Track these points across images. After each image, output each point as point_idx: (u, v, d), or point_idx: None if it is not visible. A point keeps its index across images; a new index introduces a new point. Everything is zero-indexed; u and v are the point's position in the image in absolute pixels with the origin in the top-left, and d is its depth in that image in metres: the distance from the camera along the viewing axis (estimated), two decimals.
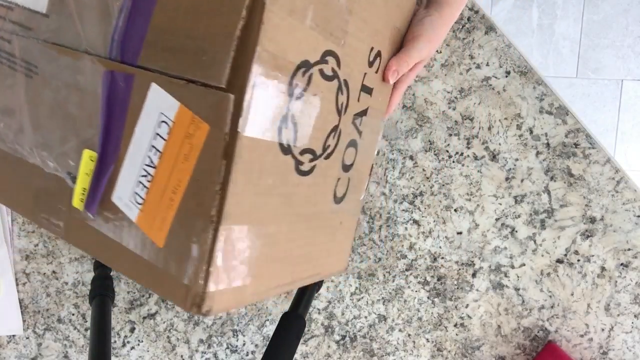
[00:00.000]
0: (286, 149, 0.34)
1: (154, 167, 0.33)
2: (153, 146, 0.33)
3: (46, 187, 0.41)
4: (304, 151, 0.36)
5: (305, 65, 0.33)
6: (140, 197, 0.34)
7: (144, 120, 0.33)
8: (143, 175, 0.34)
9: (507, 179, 0.65)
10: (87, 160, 0.37)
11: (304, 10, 0.32)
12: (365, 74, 0.41)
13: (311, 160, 0.38)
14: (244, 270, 0.34)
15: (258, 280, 0.36)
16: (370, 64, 0.42)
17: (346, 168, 0.44)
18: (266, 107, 0.31)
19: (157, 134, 0.33)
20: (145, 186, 0.34)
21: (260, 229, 0.34)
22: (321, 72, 0.35)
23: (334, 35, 0.35)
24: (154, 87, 0.33)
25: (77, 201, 0.38)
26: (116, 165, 0.35)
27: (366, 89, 0.43)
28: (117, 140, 0.35)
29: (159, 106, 0.33)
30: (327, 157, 0.40)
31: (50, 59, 0.38)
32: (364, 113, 0.44)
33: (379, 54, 0.43)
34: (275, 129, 0.32)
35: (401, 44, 0.47)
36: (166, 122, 0.33)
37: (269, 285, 0.38)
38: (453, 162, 0.65)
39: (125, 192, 0.35)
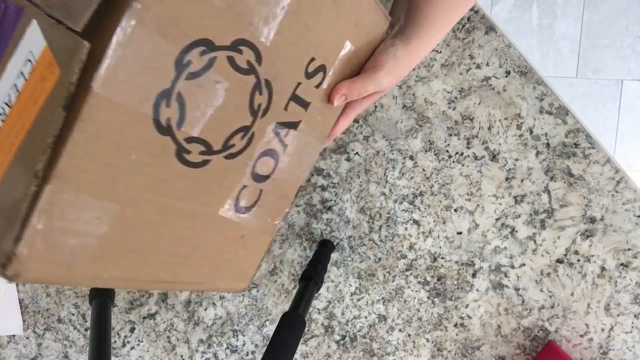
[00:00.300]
0: (164, 129, 0.31)
1: (9, 107, 0.30)
2: (15, 85, 0.30)
3: None
4: (192, 139, 0.33)
5: (206, 45, 0.30)
6: None
7: (17, 56, 0.31)
8: (2, 110, 0.31)
9: (507, 179, 0.65)
10: None
11: None
12: (299, 83, 0.38)
13: (203, 153, 0.34)
14: (75, 245, 0.30)
15: (99, 264, 0.32)
16: (309, 75, 0.39)
17: (258, 178, 0.41)
18: (137, 71, 0.28)
19: (21, 73, 0.30)
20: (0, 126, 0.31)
21: (110, 207, 0.31)
22: (231, 60, 0.32)
23: (254, 26, 0.32)
24: (33, 24, 0.30)
25: None
26: None
27: (299, 100, 0.39)
28: None
29: (31, 44, 0.30)
30: (228, 157, 0.37)
31: None
32: (292, 125, 0.41)
33: (322, 68, 0.40)
34: (150, 102, 0.29)
35: (360, 69, 0.44)
36: (31, 61, 0.30)
37: (119, 274, 0.34)
38: (453, 162, 0.65)
39: None
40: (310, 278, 0.59)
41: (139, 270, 0.36)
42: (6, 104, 0.31)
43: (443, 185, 0.65)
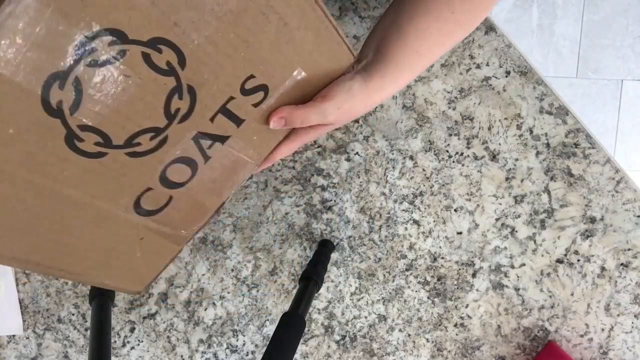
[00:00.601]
0: (54, 111, 0.30)
1: None
2: None
3: None
4: (86, 128, 0.32)
5: (116, 36, 0.29)
6: None
7: None
8: None
9: (507, 179, 0.65)
10: None
11: None
12: (232, 97, 0.37)
13: (99, 144, 0.33)
14: None
15: None
16: (245, 92, 0.37)
17: (168, 183, 0.39)
18: (27, 46, 0.26)
19: None
20: None
21: None
22: (146, 57, 0.31)
23: (178, 27, 0.31)
24: None
25: None
26: None
27: (230, 115, 0.38)
28: None
29: None
30: (132, 155, 0.35)
31: None
32: (219, 138, 0.39)
33: (263, 88, 0.38)
34: (40, 80, 0.28)
35: (311, 98, 0.41)
36: None
37: None
38: (453, 162, 0.65)
39: None
40: (310, 278, 0.59)
41: (8, 247, 0.35)
42: None
43: (443, 185, 0.65)
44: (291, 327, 0.51)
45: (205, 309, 0.70)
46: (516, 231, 0.65)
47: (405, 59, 0.42)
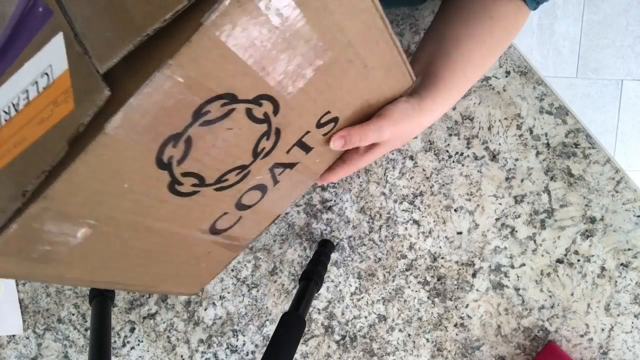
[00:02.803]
0: (164, 165, 0.32)
1: (16, 110, 0.32)
2: (27, 90, 0.31)
3: None
4: (188, 174, 0.34)
5: (228, 98, 0.31)
6: None
7: (36, 60, 0.32)
8: (5, 111, 0.32)
9: (507, 179, 0.65)
10: None
11: (250, 46, 0.28)
12: (308, 132, 0.39)
13: (194, 185, 0.35)
14: (46, 252, 0.31)
15: (63, 267, 0.34)
16: (320, 126, 0.39)
17: (242, 207, 0.41)
18: (153, 119, 0.28)
19: (36, 83, 0.31)
20: (4, 118, 0.32)
21: (90, 224, 0.32)
22: (248, 111, 0.33)
23: (281, 85, 0.32)
24: (59, 37, 0.30)
25: None
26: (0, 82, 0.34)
27: (303, 146, 0.40)
28: (8, 62, 0.33)
29: (52, 57, 0.30)
30: (219, 190, 0.37)
31: None
32: (289, 166, 0.41)
33: (334, 120, 0.40)
34: (158, 143, 0.30)
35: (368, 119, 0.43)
36: (48, 76, 0.30)
37: (78, 276, 0.36)
38: (453, 162, 0.65)
39: None
40: (310, 278, 0.59)
41: (99, 274, 0.37)
42: (14, 105, 0.32)
43: (443, 185, 0.65)
44: (291, 327, 0.51)
45: (205, 309, 0.70)
46: (516, 231, 0.65)
47: (453, 82, 0.44)
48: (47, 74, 0.30)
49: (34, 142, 0.29)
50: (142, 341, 0.71)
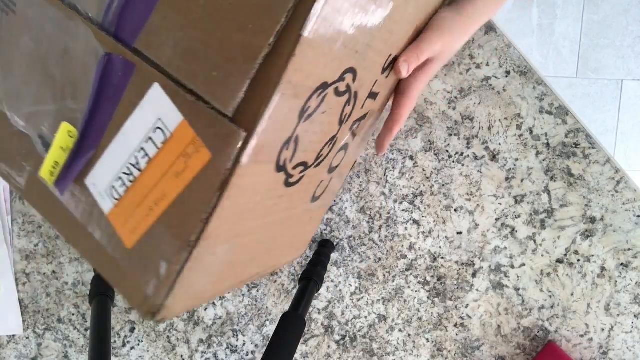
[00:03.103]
0: (281, 167, 0.33)
1: (139, 170, 0.32)
2: (143, 149, 0.32)
3: (9, 139, 0.38)
4: (296, 166, 0.35)
5: (322, 87, 0.31)
6: (118, 193, 0.33)
7: (138, 117, 0.32)
8: (125, 173, 0.33)
9: (507, 179, 0.65)
10: (65, 135, 0.35)
11: (337, 35, 0.29)
12: (376, 81, 0.40)
13: (301, 172, 0.37)
14: (205, 282, 0.33)
15: (216, 285, 0.36)
16: (383, 71, 0.40)
17: (331, 170, 0.43)
18: (274, 137, 0.29)
19: (150, 139, 0.31)
20: (125, 184, 0.33)
21: (234, 242, 0.34)
22: (336, 90, 0.33)
23: (359, 53, 0.33)
24: (155, 87, 0.31)
25: (47, 173, 0.36)
26: (97, 151, 0.34)
27: (373, 95, 0.41)
28: (102, 126, 0.33)
29: (157, 110, 0.31)
30: (317, 166, 0.39)
31: (32, 2, 0.35)
32: (363, 117, 0.42)
33: (392, 60, 0.41)
34: (276, 153, 0.31)
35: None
36: (163, 131, 0.31)
37: (226, 285, 0.38)
38: (453, 162, 0.65)
39: (102, 182, 0.34)
40: (310, 278, 0.59)
41: (242, 275, 0.40)
42: (133, 165, 0.32)
43: (443, 185, 0.65)
44: (291, 327, 0.51)
45: (205, 309, 0.70)
46: (516, 231, 0.65)
47: None
48: (159, 128, 0.31)
49: (179, 195, 0.30)
50: (142, 341, 0.71)
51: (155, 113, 0.31)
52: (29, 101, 0.37)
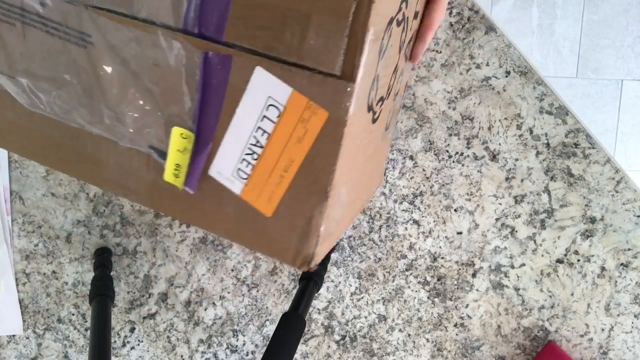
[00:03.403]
0: (369, 107, 0.35)
1: (261, 147, 0.35)
2: (260, 127, 0.35)
3: (121, 157, 0.41)
4: (378, 101, 0.37)
5: (390, 23, 0.33)
6: (245, 173, 0.37)
7: (248, 101, 0.34)
8: (248, 154, 0.36)
9: (507, 179, 0.65)
10: (178, 138, 0.38)
11: None
12: (417, 0, 0.41)
13: (380, 106, 0.39)
14: (336, 223, 0.37)
15: (340, 225, 0.40)
16: None
17: (395, 96, 0.46)
18: (366, 82, 0.32)
19: (265, 117, 0.34)
20: (250, 163, 0.36)
21: (349, 183, 0.37)
22: (397, 21, 0.35)
23: None
24: (258, 70, 0.33)
25: (170, 177, 0.39)
26: (214, 143, 0.37)
27: (416, 15, 0.42)
28: (213, 120, 0.36)
29: (265, 90, 0.33)
30: (388, 97, 0.41)
31: (106, 30, 0.37)
32: (410, 39, 0.44)
33: None
34: (367, 96, 0.33)
35: None
36: (275, 106, 0.34)
37: (346, 223, 0.42)
38: (453, 162, 0.65)
39: (227, 168, 0.37)
40: (310, 278, 0.59)
41: (354, 212, 0.44)
42: (254, 145, 0.35)
43: (443, 185, 0.65)
44: (291, 327, 0.51)
45: (205, 309, 0.70)
46: (516, 231, 0.65)
47: None
48: (271, 105, 0.34)
49: (306, 156, 0.34)
50: (142, 341, 0.71)
51: (264, 93, 0.33)
52: (132, 119, 0.39)
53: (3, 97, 0.43)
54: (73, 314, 0.71)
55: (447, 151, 0.65)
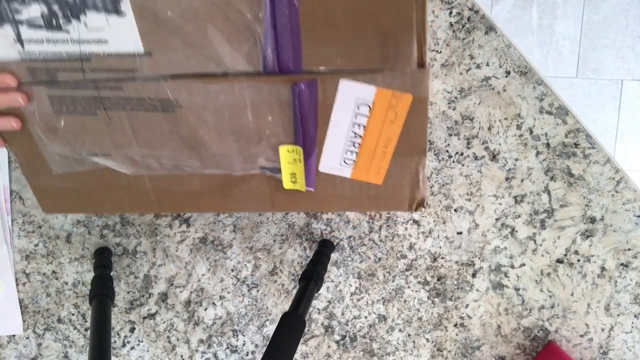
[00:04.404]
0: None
1: (360, 137, 0.44)
2: (355, 123, 0.43)
3: (238, 183, 0.50)
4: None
5: None
6: (351, 159, 0.46)
7: (340, 107, 0.42)
8: (350, 145, 0.45)
9: (507, 179, 0.65)
10: (286, 153, 0.46)
11: None
12: None
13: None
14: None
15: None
16: None
17: None
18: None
19: (358, 114, 0.42)
20: (353, 151, 0.45)
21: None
22: None
23: None
24: (343, 82, 0.40)
25: (289, 184, 0.49)
26: (318, 147, 0.45)
27: None
28: (313, 130, 0.44)
29: (353, 94, 0.41)
30: None
31: (191, 91, 0.42)
32: None
33: None
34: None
35: None
36: (365, 104, 0.41)
37: None
38: (453, 162, 0.65)
39: (334, 161, 0.46)
40: (310, 278, 0.59)
41: None
42: (354, 137, 0.44)
43: (443, 185, 0.65)
44: (291, 327, 0.51)
45: (205, 309, 0.70)
46: (516, 231, 0.65)
47: None
48: (361, 104, 0.41)
49: (401, 132, 0.43)
50: (142, 341, 0.71)
51: (352, 97, 0.41)
52: (238, 152, 0.47)
53: (104, 173, 0.49)
54: (73, 314, 0.71)
55: (447, 151, 0.65)
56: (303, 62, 0.40)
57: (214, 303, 0.70)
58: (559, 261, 0.66)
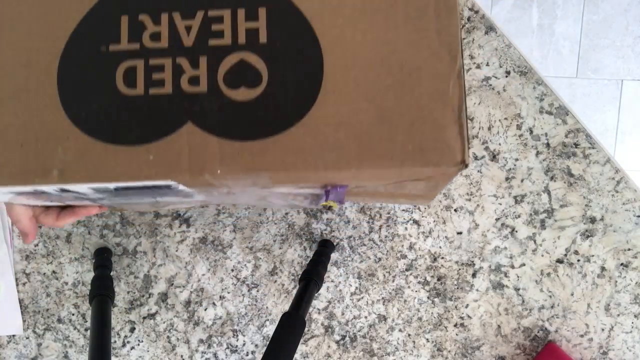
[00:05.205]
0: None
1: None
2: None
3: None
4: None
5: None
6: None
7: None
8: None
9: (507, 179, 0.65)
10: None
11: None
12: None
13: None
14: None
15: None
16: None
17: None
18: None
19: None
20: None
21: None
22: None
23: None
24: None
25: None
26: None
27: None
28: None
29: None
30: None
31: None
32: None
33: None
34: None
35: None
36: None
37: None
38: None
39: None
40: (310, 278, 0.59)
41: None
42: None
43: None
44: (291, 327, 0.51)
45: (205, 309, 0.70)
46: (516, 231, 0.65)
47: None
48: None
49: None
50: (142, 341, 0.71)
51: None
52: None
53: None
54: (73, 314, 0.71)
55: None
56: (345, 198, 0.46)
57: (214, 303, 0.70)
58: (559, 261, 0.65)
